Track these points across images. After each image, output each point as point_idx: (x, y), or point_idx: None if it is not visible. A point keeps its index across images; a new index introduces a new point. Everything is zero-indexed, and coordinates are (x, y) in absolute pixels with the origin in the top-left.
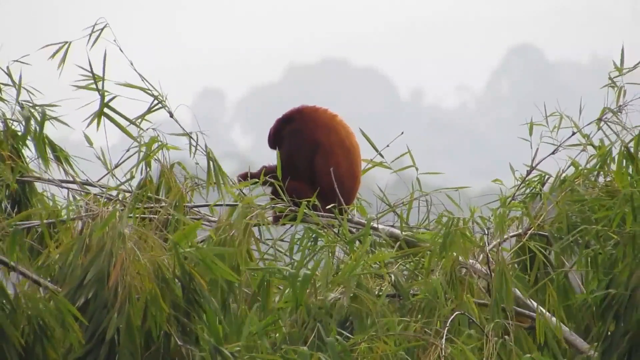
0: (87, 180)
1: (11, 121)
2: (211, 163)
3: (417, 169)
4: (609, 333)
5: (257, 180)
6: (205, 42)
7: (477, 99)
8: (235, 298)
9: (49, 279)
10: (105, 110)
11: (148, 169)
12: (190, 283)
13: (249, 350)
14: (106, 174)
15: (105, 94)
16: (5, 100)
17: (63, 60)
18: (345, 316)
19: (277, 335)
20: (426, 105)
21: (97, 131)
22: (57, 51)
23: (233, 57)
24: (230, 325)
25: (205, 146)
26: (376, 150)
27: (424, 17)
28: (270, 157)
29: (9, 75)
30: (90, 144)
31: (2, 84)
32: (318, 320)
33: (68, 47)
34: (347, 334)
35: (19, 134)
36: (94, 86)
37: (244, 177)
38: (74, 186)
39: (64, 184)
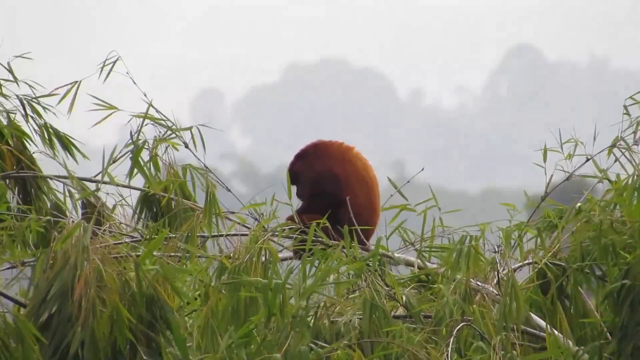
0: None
1: (13, 114)
2: (209, 196)
3: (439, 209)
4: (624, 322)
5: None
6: (204, 42)
7: (476, 99)
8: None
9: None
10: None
11: (156, 170)
12: (154, 297)
13: None
14: (100, 172)
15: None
16: (7, 96)
17: (73, 101)
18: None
19: (252, 346)
20: (425, 106)
21: (127, 182)
22: (67, 93)
23: (232, 57)
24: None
25: (207, 179)
26: (401, 194)
27: (423, 17)
28: (268, 159)
29: (10, 71)
30: (113, 182)
31: (3, 79)
32: (293, 329)
33: (78, 86)
34: (322, 344)
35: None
36: (107, 114)
37: (291, 219)
38: (70, 182)
39: (60, 180)
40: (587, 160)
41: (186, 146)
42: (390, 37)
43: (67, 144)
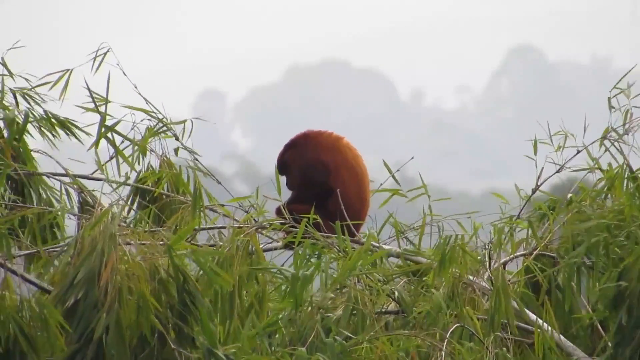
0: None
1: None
2: (197, 190)
3: (429, 197)
4: (622, 325)
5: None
6: (205, 43)
7: (477, 99)
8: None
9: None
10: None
11: (146, 159)
12: (185, 285)
13: (247, 352)
14: (97, 170)
15: (107, 117)
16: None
17: (65, 88)
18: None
19: (277, 335)
20: (426, 106)
21: (95, 152)
22: (59, 80)
23: (233, 57)
24: (228, 327)
25: (195, 175)
26: (395, 179)
27: (423, 18)
28: (269, 160)
29: (4, 64)
30: (101, 168)
31: None
32: (317, 321)
33: (70, 75)
34: (348, 334)
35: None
36: (99, 108)
37: (279, 211)
38: (67, 179)
39: (56, 177)
40: (578, 152)
41: (176, 138)
42: (391, 37)
43: (70, 128)
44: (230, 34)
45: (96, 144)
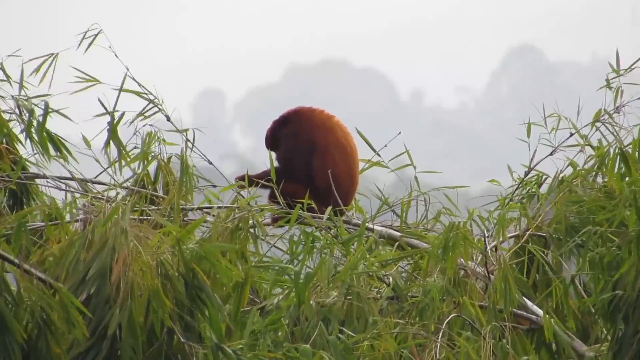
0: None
1: (7, 114)
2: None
3: (415, 168)
4: (619, 334)
5: (258, 181)
6: (205, 42)
7: (477, 99)
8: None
9: (46, 275)
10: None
11: (145, 163)
12: (193, 280)
13: (251, 349)
14: (102, 172)
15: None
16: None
17: (51, 70)
18: (344, 317)
19: (280, 333)
20: (426, 106)
21: (104, 156)
22: (41, 65)
23: (233, 57)
24: (233, 323)
25: (183, 156)
26: (373, 149)
27: (424, 17)
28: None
29: (3, 70)
30: (88, 145)
31: None
32: (320, 319)
33: (55, 58)
34: (350, 333)
35: (13, 129)
36: (92, 90)
37: (241, 179)
38: (73, 183)
39: (62, 181)
40: (571, 135)
41: (168, 119)
42: (391, 37)
43: (59, 146)
44: (230, 34)
45: (107, 144)
